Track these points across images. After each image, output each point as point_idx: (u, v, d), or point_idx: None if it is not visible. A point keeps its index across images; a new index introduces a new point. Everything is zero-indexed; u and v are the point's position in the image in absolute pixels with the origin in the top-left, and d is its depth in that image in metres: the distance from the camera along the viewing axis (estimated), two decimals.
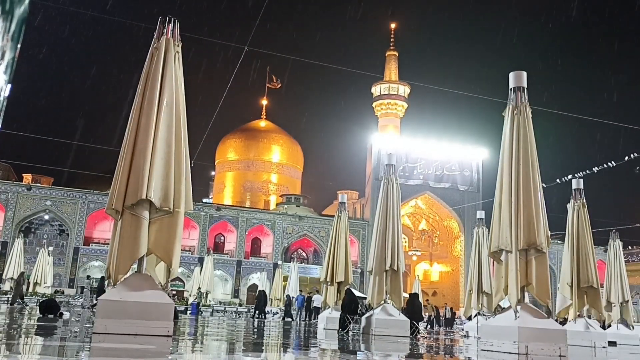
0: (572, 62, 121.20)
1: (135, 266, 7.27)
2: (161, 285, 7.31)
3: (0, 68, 1.27)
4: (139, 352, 5.52)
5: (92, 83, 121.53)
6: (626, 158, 23.87)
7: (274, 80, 77.41)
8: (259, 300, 29.22)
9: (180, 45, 7.89)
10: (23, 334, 8.12)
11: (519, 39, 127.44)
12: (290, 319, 28.41)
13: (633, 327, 16.38)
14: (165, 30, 7.81)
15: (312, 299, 27.66)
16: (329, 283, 16.80)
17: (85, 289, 27.36)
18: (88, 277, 32.83)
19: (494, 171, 9.62)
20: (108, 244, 12.47)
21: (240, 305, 40.00)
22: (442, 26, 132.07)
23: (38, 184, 46.84)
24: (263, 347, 8.45)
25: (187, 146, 7.63)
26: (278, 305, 35.63)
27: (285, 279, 38.14)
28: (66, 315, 13.31)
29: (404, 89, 68.51)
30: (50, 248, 36.59)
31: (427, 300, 40.09)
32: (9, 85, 1.36)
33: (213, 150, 76.29)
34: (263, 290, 30.52)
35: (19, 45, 1.28)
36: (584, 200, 14.06)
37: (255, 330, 14.66)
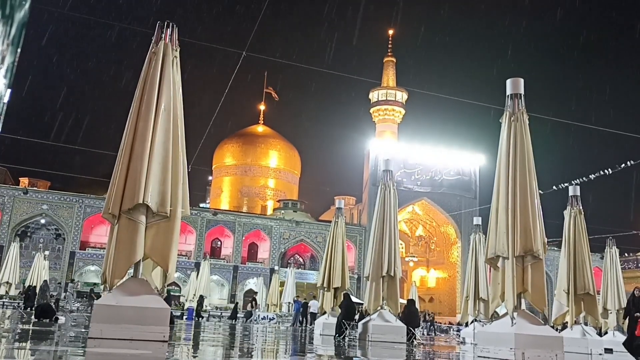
0: (569, 69, 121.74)
1: (131, 271, 7.25)
2: (157, 290, 7.29)
3: (0, 72, 1.27)
4: (135, 357, 5.50)
5: (90, 87, 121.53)
6: (622, 165, 23.92)
7: (272, 93, 77.55)
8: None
9: (178, 50, 7.90)
10: (18, 338, 8.09)
11: (517, 45, 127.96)
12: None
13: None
14: (163, 35, 7.82)
15: (309, 304, 27.62)
16: (326, 289, 16.77)
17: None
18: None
19: (491, 177, 9.64)
20: (104, 248, 12.44)
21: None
22: (439, 32, 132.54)
23: (35, 188, 46.73)
24: (260, 353, 8.43)
25: (184, 151, 7.62)
26: (274, 311, 35.55)
27: (282, 284, 38.08)
28: (62, 319, 13.26)
29: (402, 95, 68.62)
30: (47, 252, 36.42)
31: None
32: (9, 90, 1.36)
33: (210, 155, 76.33)
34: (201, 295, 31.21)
35: (19, 50, 1.29)
36: (581, 207, 14.09)
37: (251, 335, 14.62)
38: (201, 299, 31.37)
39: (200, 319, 29.37)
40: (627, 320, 11.61)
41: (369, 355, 9.51)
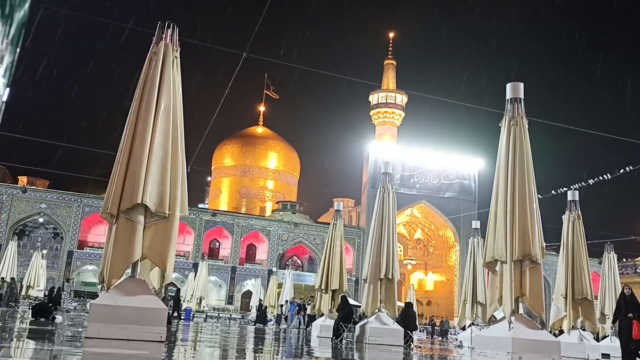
0: (569, 74, 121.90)
1: (129, 271, 7.24)
2: (155, 291, 7.28)
3: None
4: (132, 358, 5.49)
5: (90, 86, 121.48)
6: (621, 170, 23.95)
7: (272, 92, 77.57)
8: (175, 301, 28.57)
9: (178, 51, 7.91)
10: (15, 337, 8.07)
11: (516, 50, 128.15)
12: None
13: None
14: (164, 36, 7.82)
15: (306, 306, 27.59)
16: (324, 291, 16.77)
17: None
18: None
19: (490, 181, 9.65)
20: (102, 247, 12.46)
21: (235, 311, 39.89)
22: (440, 36, 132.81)
23: (33, 187, 46.65)
24: (256, 354, 8.42)
25: (183, 151, 7.62)
26: (272, 312, 35.51)
27: (280, 285, 38.04)
28: (59, 318, 13.24)
29: (402, 98, 68.65)
30: (44, 251, 36.41)
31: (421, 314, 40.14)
32: (8, 89, 1.36)
33: (210, 156, 76.36)
34: (178, 289, 29.70)
35: (18, 49, 1.29)
36: (579, 212, 14.10)
37: (248, 337, 14.60)
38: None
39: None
40: (617, 323, 11.51)
41: (365, 357, 9.50)
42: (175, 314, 23.61)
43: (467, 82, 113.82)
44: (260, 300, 34.02)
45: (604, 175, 24.62)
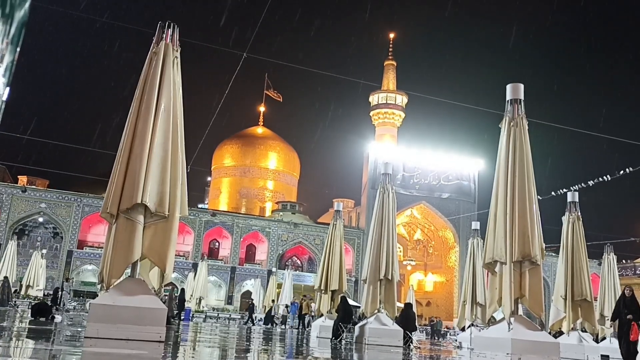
0: (569, 75, 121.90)
1: (128, 270, 7.24)
2: (154, 290, 7.28)
3: None
4: (131, 358, 5.49)
5: (90, 86, 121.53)
6: (621, 172, 23.95)
7: (274, 93, 77.53)
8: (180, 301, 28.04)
9: (179, 51, 7.91)
10: (14, 336, 8.07)
11: (517, 51, 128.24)
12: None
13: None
14: (164, 36, 7.82)
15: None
16: (323, 291, 16.77)
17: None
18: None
19: (490, 182, 9.66)
20: (102, 247, 12.48)
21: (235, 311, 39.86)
22: (440, 36, 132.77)
23: (33, 187, 46.65)
24: (255, 354, 8.41)
25: (183, 151, 7.62)
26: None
27: (279, 286, 38.04)
28: (58, 318, 13.23)
29: (402, 99, 68.64)
30: (44, 251, 36.42)
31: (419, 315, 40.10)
32: (8, 89, 1.36)
33: (210, 156, 76.35)
34: (182, 289, 29.63)
35: (18, 49, 1.29)
36: (579, 213, 14.10)
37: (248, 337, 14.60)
38: None
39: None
40: (616, 322, 11.52)
41: (365, 358, 9.50)
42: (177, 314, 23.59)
43: (467, 82, 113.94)
44: (252, 300, 33.98)
45: (604, 177, 24.61)
